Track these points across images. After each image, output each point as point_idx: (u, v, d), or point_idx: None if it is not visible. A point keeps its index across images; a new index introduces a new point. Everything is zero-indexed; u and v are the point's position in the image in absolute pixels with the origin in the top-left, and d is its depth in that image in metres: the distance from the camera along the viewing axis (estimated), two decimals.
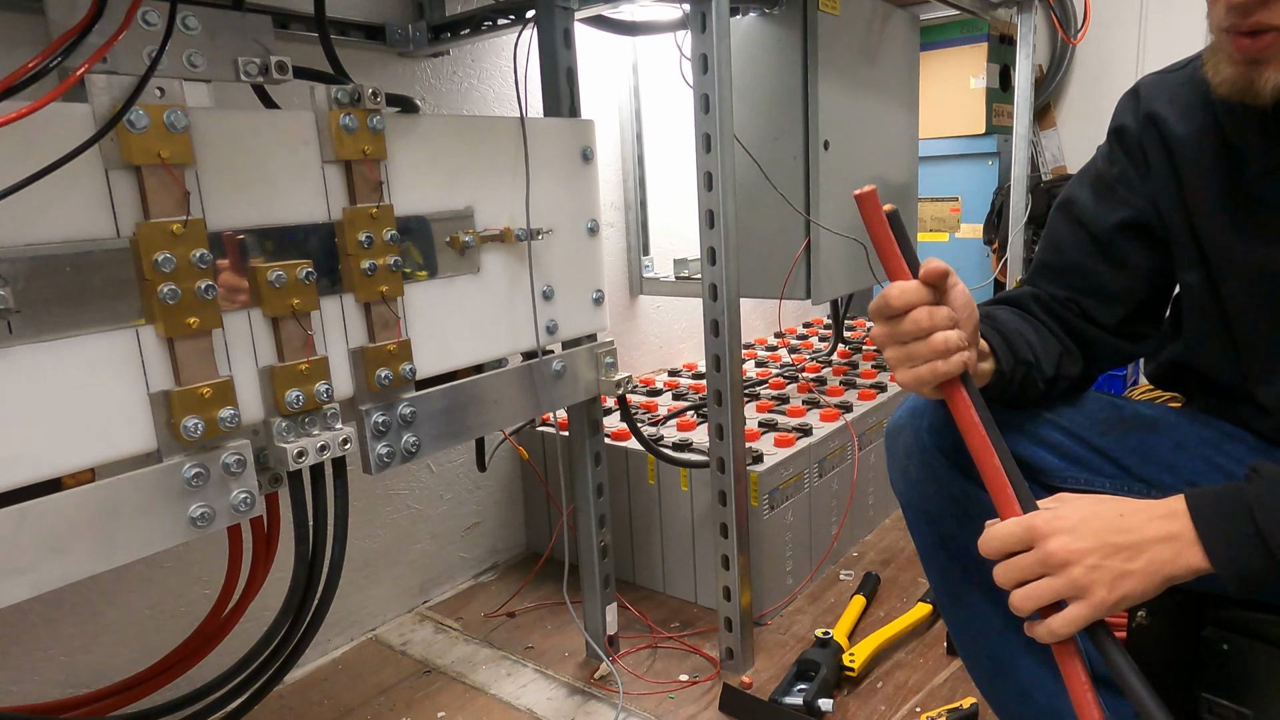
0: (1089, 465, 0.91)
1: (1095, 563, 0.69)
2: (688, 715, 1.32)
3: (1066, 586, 0.69)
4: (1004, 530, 0.73)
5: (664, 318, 2.33)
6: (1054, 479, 0.91)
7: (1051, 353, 0.92)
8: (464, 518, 1.80)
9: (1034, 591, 0.71)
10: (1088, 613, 0.69)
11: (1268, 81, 0.71)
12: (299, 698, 1.42)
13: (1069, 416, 0.93)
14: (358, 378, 1.00)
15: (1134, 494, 0.90)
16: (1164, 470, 0.90)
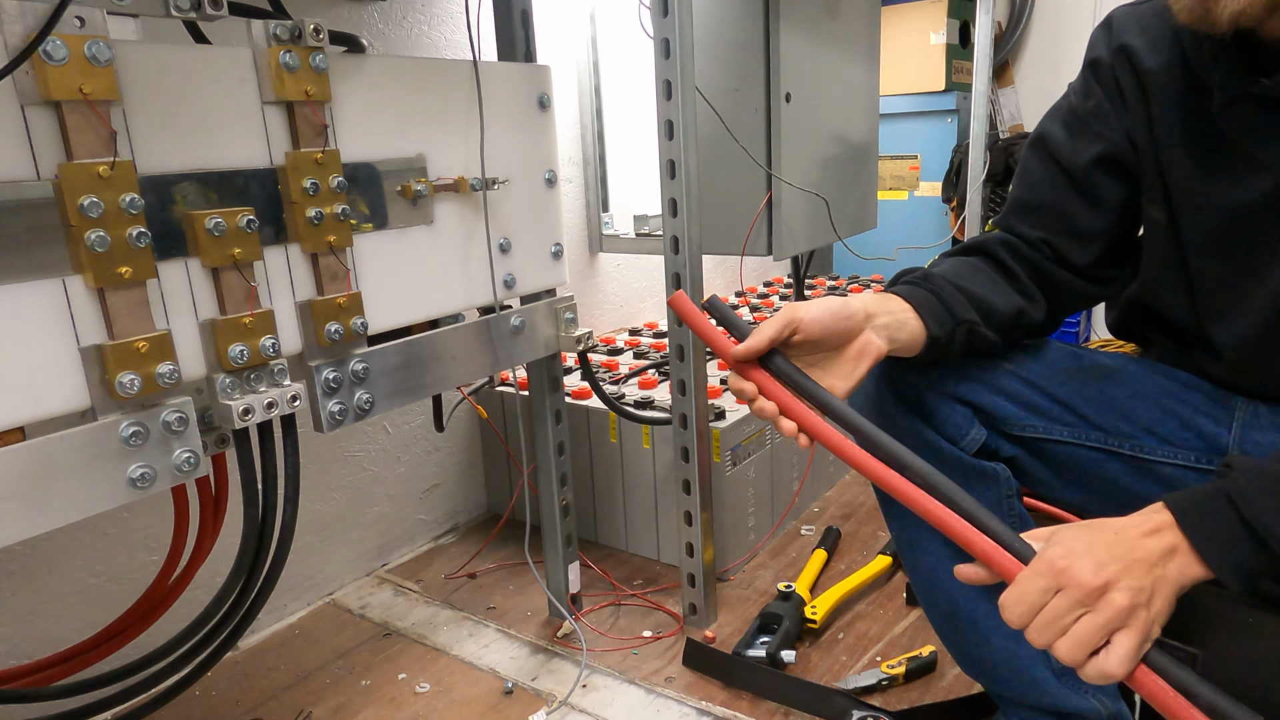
0: (1047, 414, 0.91)
1: (1130, 584, 0.63)
2: (651, 670, 1.32)
3: (1113, 617, 0.62)
4: (1027, 587, 0.65)
5: (625, 276, 2.30)
6: (1012, 427, 0.91)
7: (1008, 304, 0.91)
8: (423, 479, 1.77)
9: (1081, 637, 0.63)
10: (1138, 639, 0.62)
11: (1225, 8, 0.70)
12: (254, 663, 1.39)
13: (1028, 366, 0.93)
14: (306, 332, 0.96)
15: (1092, 441, 0.91)
16: (1120, 419, 0.90)
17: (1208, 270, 0.86)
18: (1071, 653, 0.63)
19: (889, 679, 1.24)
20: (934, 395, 0.91)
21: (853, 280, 2.84)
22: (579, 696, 1.26)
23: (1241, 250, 0.82)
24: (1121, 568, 0.64)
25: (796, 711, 1.21)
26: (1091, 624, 0.62)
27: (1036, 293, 0.94)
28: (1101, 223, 0.92)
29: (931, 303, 0.86)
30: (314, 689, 1.32)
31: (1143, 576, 0.64)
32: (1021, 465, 0.93)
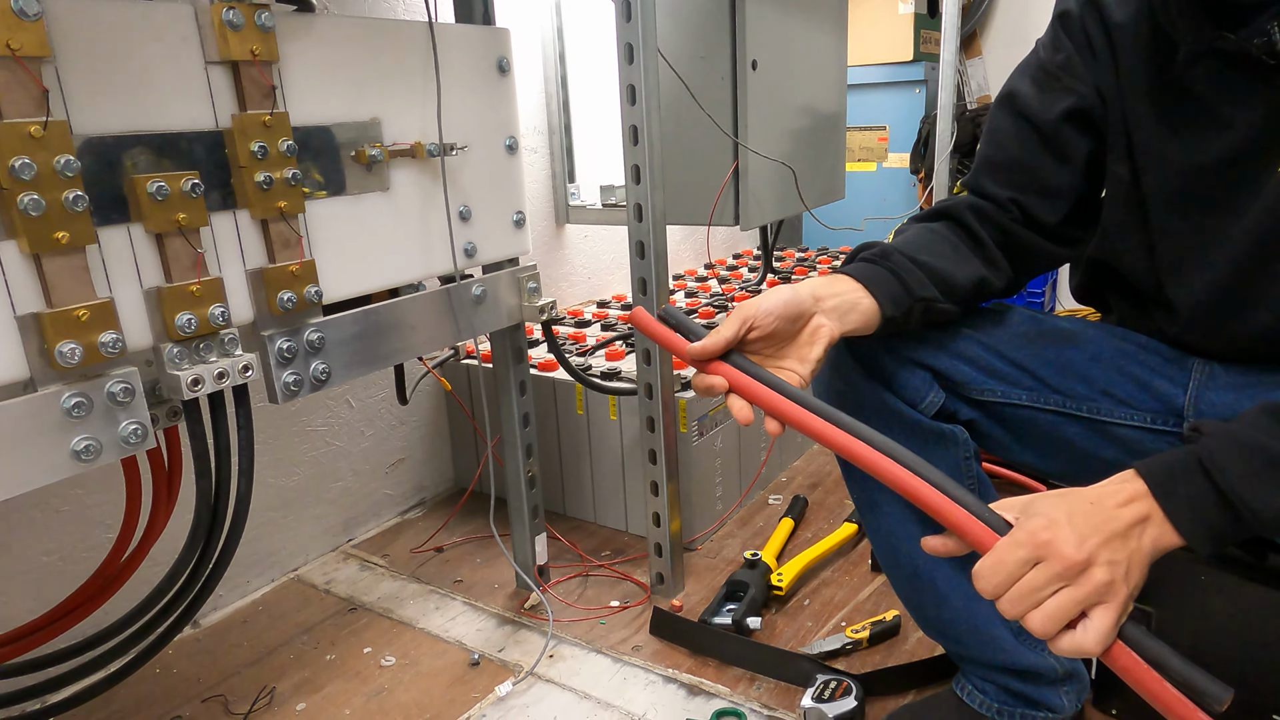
0: (1006, 378, 0.91)
1: (1110, 558, 0.62)
2: (618, 640, 1.32)
3: (1092, 593, 0.61)
4: (1006, 557, 0.63)
5: (592, 247, 2.28)
6: (971, 391, 0.92)
7: (970, 275, 0.90)
8: (388, 454, 1.75)
9: (1057, 611, 0.61)
10: (1116, 615, 0.61)
11: None
12: (216, 640, 1.37)
13: (987, 330, 0.93)
14: (258, 301, 0.94)
15: (1050, 404, 0.91)
16: (1078, 381, 0.91)
17: (1168, 228, 0.86)
18: (1045, 625, 0.62)
19: (853, 643, 1.25)
20: (893, 360, 0.91)
21: (822, 252, 2.84)
22: (545, 666, 1.26)
23: (1201, 208, 0.82)
24: (1102, 541, 0.62)
25: (762, 677, 1.21)
26: (1070, 598, 0.61)
27: (1001, 259, 0.93)
28: (1069, 179, 0.92)
29: (888, 282, 0.85)
30: (277, 665, 1.30)
31: (1120, 549, 0.63)
32: (980, 428, 0.94)
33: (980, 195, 0.95)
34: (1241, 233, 0.79)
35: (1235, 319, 0.83)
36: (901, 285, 0.85)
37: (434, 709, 1.18)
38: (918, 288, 0.86)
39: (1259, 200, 0.77)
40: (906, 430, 0.92)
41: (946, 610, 0.99)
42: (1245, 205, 0.79)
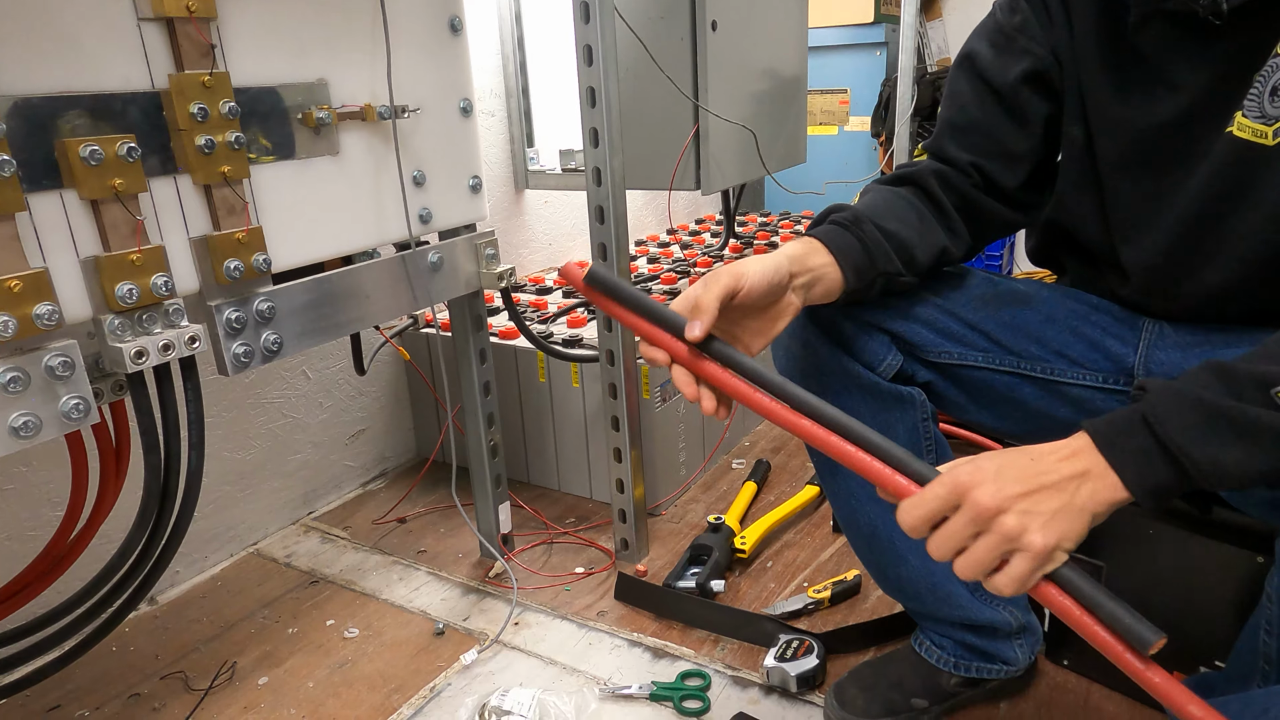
0: (962, 340, 0.92)
1: (1026, 507, 0.62)
2: (583, 606, 1.33)
3: (1002, 540, 0.62)
4: (925, 495, 0.65)
5: (552, 214, 2.25)
6: (928, 353, 0.93)
7: (932, 246, 0.91)
8: (347, 425, 1.73)
9: (974, 557, 0.63)
10: (1030, 565, 0.62)
11: None
12: (175, 616, 1.35)
13: (944, 294, 0.94)
14: (204, 270, 0.91)
15: (1005, 365, 0.92)
16: (1032, 343, 0.92)
17: (1120, 190, 0.86)
18: (965, 570, 0.63)
19: (815, 603, 1.27)
20: (852, 324, 0.91)
21: (784, 216, 2.84)
22: (511, 634, 1.26)
23: (1151, 170, 0.83)
24: (1022, 491, 0.63)
25: (726, 638, 1.23)
26: (985, 546, 0.63)
27: (961, 227, 0.94)
28: (1029, 143, 0.92)
29: (856, 252, 0.85)
30: (238, 639, 1.29)
31: (1045, 500, 0.63)
32: (937, 390, 0.95)
33: (942, 160, 0.95)
34: (1189, 195, 0.80)
35: (1185, 279, 0.84)
36: (868, 257, 0.86)
37: (399, 679, 1.18)
38: (882, 261, 0.86)
39: (1206, 162, 0.78)
40: (865, 393, 0.92)
41: (904, 569, 1.01)
42: (1194, 167, 0.80)
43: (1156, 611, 1.01)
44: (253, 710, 1.14)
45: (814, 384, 0.94)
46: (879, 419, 0.93)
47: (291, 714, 1.13)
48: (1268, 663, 0.72)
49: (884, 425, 0.93)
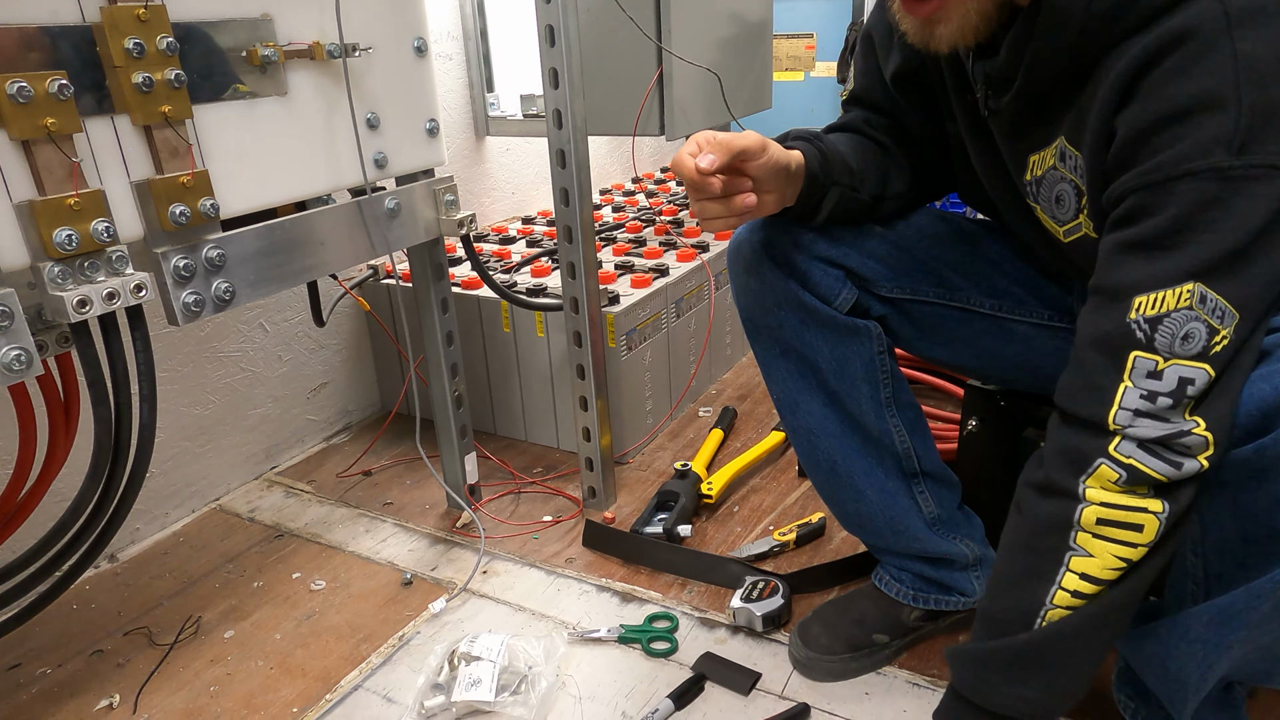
0: (914, 276, 0.96)
1: None
2: (551, 553, 1.33)
3: None
4: None
5: (514, 161, 2.21)
6: (881, 288, 0.95)
7: (875, 172, 0.94)
8: (308, 378, 1.70)
9: None
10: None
11: (941, 39, 0.73)
12: (136, 573, 1.33)
13: (898, 230, 0.96)
14: (147, 216, 0.87)
15: (955, 302, 0.97)
16: (980, 281, 0.98)
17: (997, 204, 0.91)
18: None
19: (780, 545, 1.29)
20: (807, 258, 0.92)
21: None
22: (479, 582, 1.27)
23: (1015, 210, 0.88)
24: None
25: (693, 581, 1.24)
26: None
27: (901, 159, 0.97)
28: (921, 127, 0.96)
29: (816, 160, 0.87)
30: (203, 594, 1.28)
31: None
32: (891, 324, 0.96)
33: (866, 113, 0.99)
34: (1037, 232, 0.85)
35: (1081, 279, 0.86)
36: (826, 165, 0.88)
37: (367, 629, 1.18)
38: (838, 172, 0.89)
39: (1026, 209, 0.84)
40: (822, 326, 0.93)
41: (863, 503, 1.02)
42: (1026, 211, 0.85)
43: None
44: (219, 663, 1.13)
45: (771, 318, 0.95)
46: (836, 352, 0.94)
47: (259, 665, 1.12)
48: (1195, 584, 0.74)
49: (841, 359, 0.94)
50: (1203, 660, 0.72)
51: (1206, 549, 0.72)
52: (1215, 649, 0.70)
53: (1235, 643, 0.68)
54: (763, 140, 0.80)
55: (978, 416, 1.16)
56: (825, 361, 0.95)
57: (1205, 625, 0.70)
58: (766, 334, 0.98)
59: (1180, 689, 0.76)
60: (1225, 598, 0.69)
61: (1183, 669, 0.74)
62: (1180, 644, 0.73)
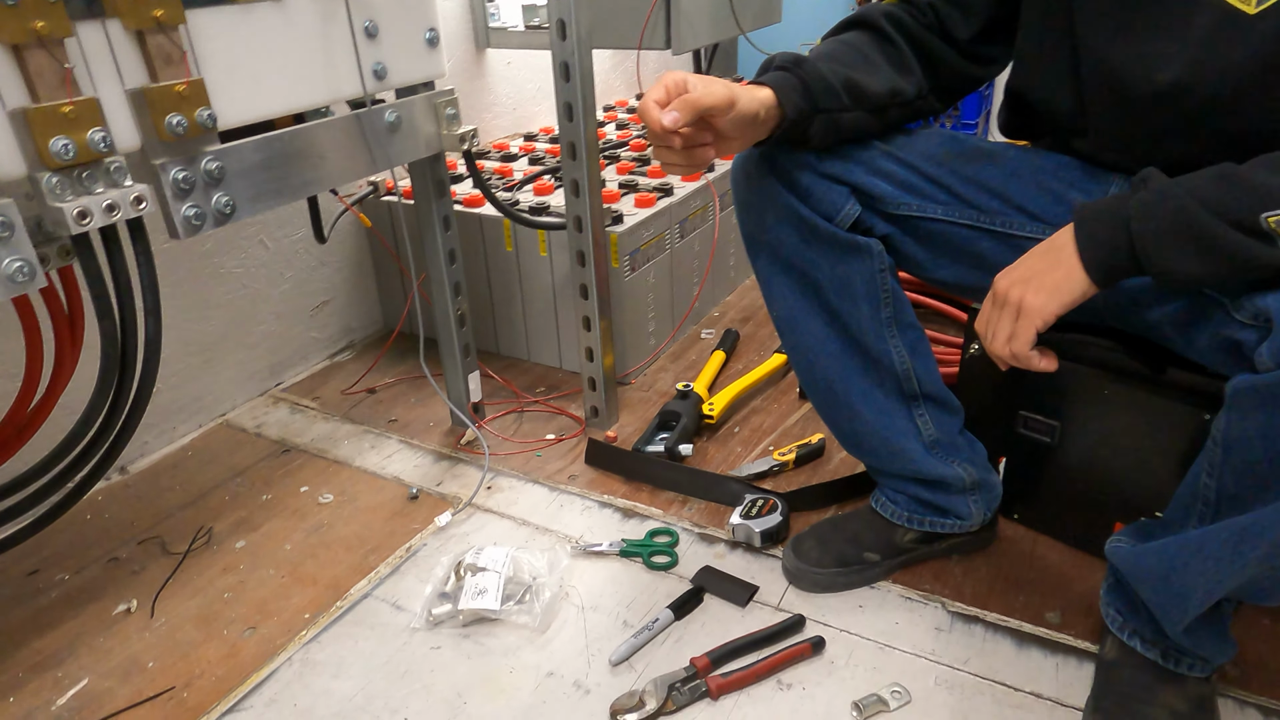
0: (922, 193, 0.93)
1: (1018, 277, 0.78)
2: (554, 470, 1.35)
3: (1010, 311, 0.79)
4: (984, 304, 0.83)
5: (516, 75, 2.15)
6: (888, 206, 0.93)
7: (882, 84, 0.90)
8: (310, 296, 1.69)
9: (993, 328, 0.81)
10: (1025, 320, 0.77)
11: None
12: (147, 485, 1.36)
13: (906, 148, 0.94)
14: (144, 125, 0.86)
15: (964, 219, 0.93)
16: (993, 197, 0.92)
17: (1098, 57, 0.84)
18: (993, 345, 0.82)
19: (780, 465, 1.31)
20: (810, 175, 0.91)
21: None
22: (484, 497, 1.29)
23: (1136, 36, 0.80)
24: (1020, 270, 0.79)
25: (693, 499, 1.27)
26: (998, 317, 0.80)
27: (914, 64, 0.94)
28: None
29: (795, 91, 0.85)
30: (213, 506, 1.30)
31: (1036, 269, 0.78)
32: (895, 244, 0.95)
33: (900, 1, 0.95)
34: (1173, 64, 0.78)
35: (1155, 150, 0.83)
36: (807, 95, 0.86)
37: (374, 540, 1.21)
38: (823, 98, 0.86)
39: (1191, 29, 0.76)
40: (823, 244, 0.92)
41: (860, 424, 1.03)
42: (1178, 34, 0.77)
43: (1106, 467, 1.06)
44: (232, 571, 1.16)
45: (771, 234, 0.95)
46: (836, 270, 0.94)
47: (271, 574, 1.16)
48: (1205, 504, 0.76)
49: (842, 276, 0.94)
50: (1214, 576, 0.73)
51: (1226, 471, 0.73)
52: (1230, 565, 0.72)
53: (1253, 560, 0.70)
54: (729, 95, 0.79)
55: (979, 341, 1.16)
56: (826, 279, 0.94)
57: (1223, 543, 0.72)
58: (767, 251, 0.97)
59: (1181, 603, 0.78)
60: (1248, 516, 0.70)
61: (1189, 584, 0.76)
62: (1193, 560, 0.75)
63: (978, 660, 0.97)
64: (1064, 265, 0.75)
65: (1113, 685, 0.88)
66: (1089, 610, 1.02)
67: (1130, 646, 0.88)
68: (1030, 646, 0.99)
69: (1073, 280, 0.75)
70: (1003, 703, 0.92)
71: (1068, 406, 1.07)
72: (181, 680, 0.99)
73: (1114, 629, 0.90)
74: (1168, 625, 0.82)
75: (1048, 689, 0.93)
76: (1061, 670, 0.95)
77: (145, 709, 0.96)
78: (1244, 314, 0.71)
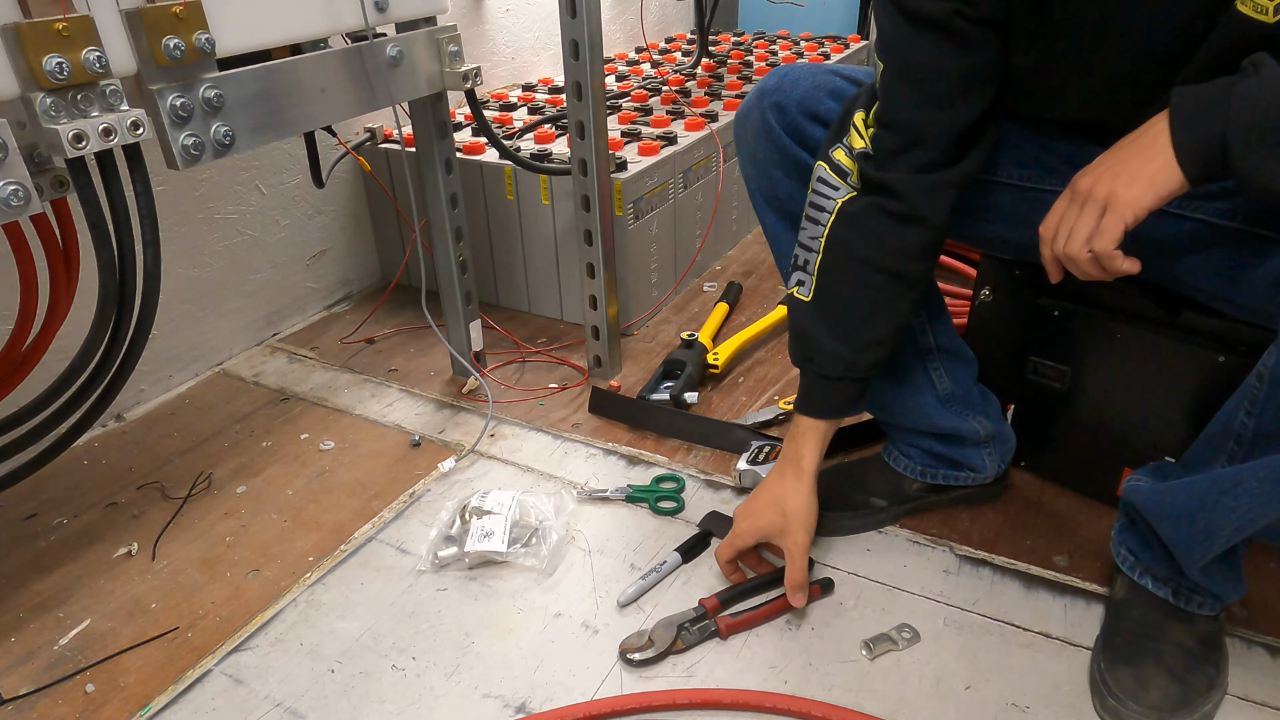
0: None
1: (1105, 170, 0.69)
2: (558, 419, 1.34)
3: (1094, 207, 0.69)
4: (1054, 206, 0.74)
5: (514, 23, 2.10)
6: None
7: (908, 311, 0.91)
8: (307, 245, 1.66)
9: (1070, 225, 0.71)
10: (1114, 215, 0.68)
11: None
12: (145, 431, 1.34)
13: None
14: (140, 48, 0.82)
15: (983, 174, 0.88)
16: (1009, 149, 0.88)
17: None
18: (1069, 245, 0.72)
19: (785, 414, 1.30)
20: (820, 128, 0.90)
21: (759, 36, 2.70)
22: (487, 445, 1.28)
23: None
24: (1104, 163, 0.70)
25: (699, 446, 1.26)
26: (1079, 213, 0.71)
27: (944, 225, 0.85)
28: None
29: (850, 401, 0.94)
30: (212, 452, 1.29)
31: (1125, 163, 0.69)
32: None
33: None
34: None
35: None
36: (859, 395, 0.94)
37: (377, 486, 1.20)
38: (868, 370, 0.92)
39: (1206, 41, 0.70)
40: None
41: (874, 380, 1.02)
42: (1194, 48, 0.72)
43: (1117, 413, 1.05)
44: (233, 516, 1.15)
45: (781, 190, 0.95)
46: None
47: (273, 519, 1.14)
48: (1238, 443, 0.75)
49: None
50: (1246, 513, 0.73)
51: (1269, 408, 0.71)
52: (1265, 503, 0.71)
53: None
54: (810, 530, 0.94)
55: (991, 286, 1.14)
56: None
57: (1261, 479, 0.71)
58: (775, 207, 0.96)
59: (1206, 540, 0.77)
60: None
61: (1217, 522, 0.75)
62: (1225, 496, 0.74)
63: (986, 601, 0.97)
64: (1159, 155, 0.67)
65: (1123, 623, 0.88)
66: (1097, 553, 1.02)
67: (1141, 585, 0.88)
68: (1038, 588, 0.99)
69: (1168, 170, 0.66)
70: (1011, 641, 0.92)
71: (1079, 352, 1.06)
72: (185, 621, 0.98)
73: (1125, 568, 0.90)
74: (1187, 563, 0.81)
75: (1056, 629, 0.93)
76: (1070, 611, 0.95)
77: (150, 648, 0.95)
78: None
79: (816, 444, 0.95)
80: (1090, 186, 0.70)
